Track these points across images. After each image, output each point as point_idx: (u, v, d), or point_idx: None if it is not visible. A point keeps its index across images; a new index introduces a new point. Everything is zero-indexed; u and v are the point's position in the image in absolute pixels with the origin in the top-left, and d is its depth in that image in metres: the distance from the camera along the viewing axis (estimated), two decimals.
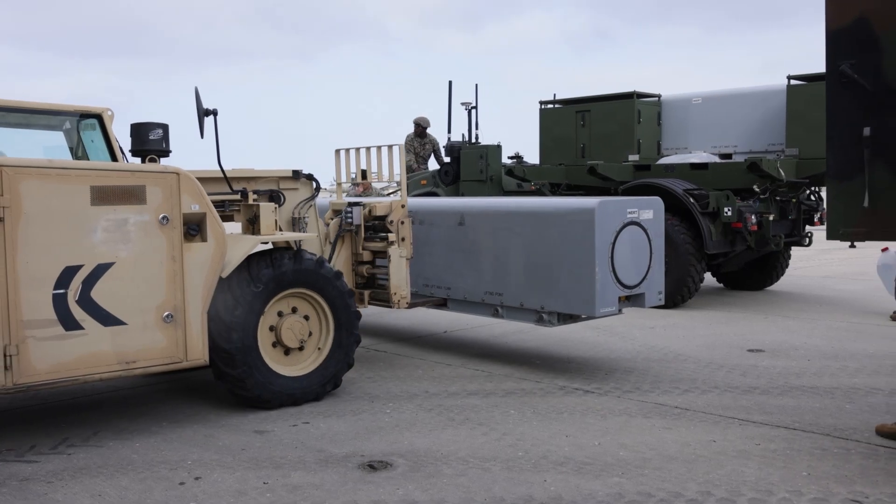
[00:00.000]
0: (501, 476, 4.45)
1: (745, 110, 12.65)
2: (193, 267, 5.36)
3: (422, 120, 15.32)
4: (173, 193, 5.27)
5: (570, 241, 6.60)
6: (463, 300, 7.64)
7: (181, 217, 5.29)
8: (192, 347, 5.38)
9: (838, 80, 4.33)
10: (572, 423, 5.44)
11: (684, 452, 4.80)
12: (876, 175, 4.26)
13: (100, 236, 4.98)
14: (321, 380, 6.08)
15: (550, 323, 6.94)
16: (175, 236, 5.27)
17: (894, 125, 4.22)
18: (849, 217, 4.40)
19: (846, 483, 4.27)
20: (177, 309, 5.29)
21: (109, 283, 5.02)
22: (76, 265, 4.90)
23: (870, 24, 4.22)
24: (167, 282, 5.25)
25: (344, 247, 7.21)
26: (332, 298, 6.14)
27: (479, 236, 7.36)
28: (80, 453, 4.92)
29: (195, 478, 4.49)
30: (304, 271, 5.97)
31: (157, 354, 5.24)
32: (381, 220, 7.08)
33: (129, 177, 5.13)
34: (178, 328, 5.30)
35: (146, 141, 5.95)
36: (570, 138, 13.96)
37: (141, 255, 5.14)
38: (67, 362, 4.90)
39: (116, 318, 5.06)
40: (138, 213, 5.12)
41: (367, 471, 4.57)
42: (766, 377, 6.61)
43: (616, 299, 6.61)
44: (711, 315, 9.91)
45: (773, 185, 10.78)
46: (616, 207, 6.63)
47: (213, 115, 5.73)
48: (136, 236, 5.12)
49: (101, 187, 5.00)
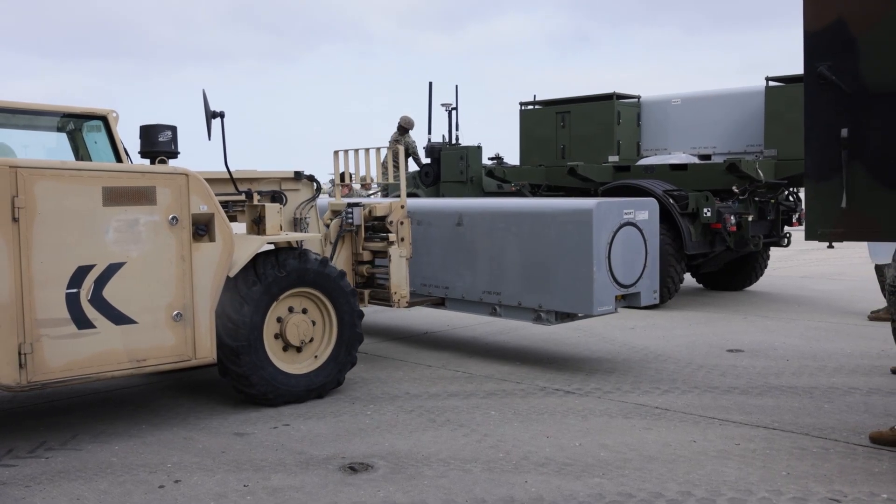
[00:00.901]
0: (482, 477, 4.44)
1: (723, 111, 12.72)
2: (202, 266, 5.44)
3: (406, 121, 15.30)
4: (182, 194, 5.35)
5: (569, 241, 6.74)
6: (461, 299, 7.76)
7: (190, 217, 5.38)
8: (200, 346, 5.46)
9: (816, 82, 4.35)
10: (553, 423, 5.44)
11: (664, 453, 4.82)
12: (853, 176, 4.28)
13: (111, 236, 5.07)
14: (325, 377, 6.16)
15: (548, 321, 7.06)
16: (184, 236, 5.35)
17: (871, 126, 4.25)
18: (827, 218, 4.43)
19: (825, 482, 4.30)
20: (186, 308, 5.38)
21: (121, 282, 5.10)
22: (88, 265, 4.98)
23: (847, 26, 4.25)
24: (176, 281, 5.33)
25: (344, 247, 7.34)
26: (335, 297, 6.22)
27: (477, 236, 7.49)
28: (59, 457, 4.88)
29: (175, 481, 4.46)
30: (310, 271, 6.07)
31: (166, 353, 5.33)
32: (380, 220, 7.22)
33: (140, 178, 5.22)
34: (187, 327, 5.39)
35: (155, 143, 6.08)
36: (551, 139, 13.98)
37: (151, 254, 5.23)
38: (80, 360, 4.97)
39: (127, 316, 5.14)
40: (149, 214, 5.21)
41: (348, 473, 4.56)
42: (746, 377, 6.65)
43: (613, 298, 6.76)
44: (691, 315, 9.95)
45: (752, 186, 10.84)
46: (613, 208, 6.77)
47: (220, 117, 5.81)
48: (147, 236, 5.21)
49: (113, 188, 5.08)
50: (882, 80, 4.19)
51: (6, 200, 4.69)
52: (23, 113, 6.23)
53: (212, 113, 5.77)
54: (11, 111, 6.13)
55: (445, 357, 7.61)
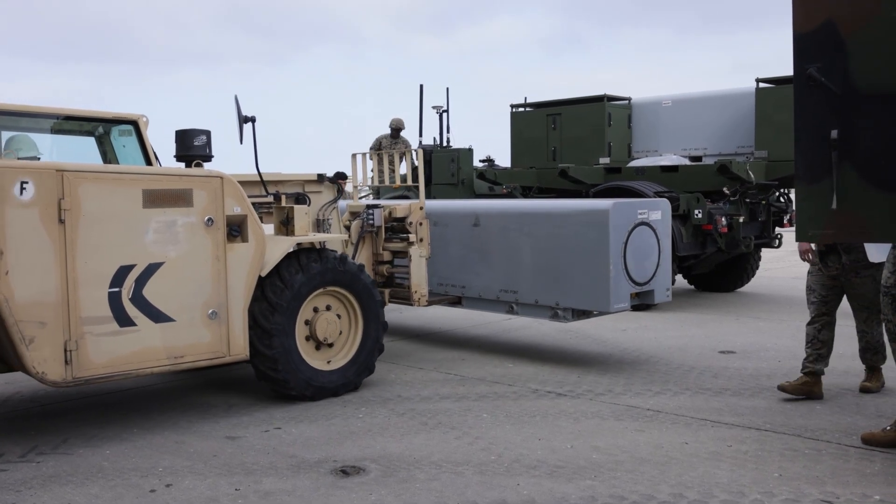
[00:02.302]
0: (474, 480, 4.44)
1: (714, 113, 12.75)
2: (235, 266, 5.66)
3: (400, 124, 15.28)
4: (217, 196, 5.55)
5: (585, 240, 6.96)
6: (478, 298, 7.96)
7: (224, 219, 5.58)
8: (234, 343, 5.67)
9: (806, 83, 4.36)
10: (545, 426, 5.44)
11: (657, 454, 4.82)
12: (843, 177, 4.29)
13: (151, 237, 5.27)
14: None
15: (565, 318, 7.29)
16: (219, 237, 5.56)
17: (861, 127, 4.26)
18: (817, 219, 4.43)
19: (817, 484, 4.30)
20: (220, 306, 5.58)
21: (159, 281, 5.30)
22: (129, 265, 5.19)
23: (836, 27, 4.26)
24: (212, 280, 5.54)
25: (364, 247, 7.49)
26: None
27: (494, 237, 7.71)
28: (50, 461, 4.85)
29: (166, 485, 4.44)
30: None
31: (202, 349, 5.53)
32: (400, 221, 7.41)
33: (178, 181, 5.42)
34: (221, 324, 5.59)
35: (191, 147, 6.25)
36: (542, 141, 14.00)
37: (188, 255, 5.43)
38: (122, 357, 5.17)
39: (166, 314, 5.34)
40: (186, 215, 5.41)
41: (340, 476, 4.54)
42: (738, 378, 6.66)
43: (628, 296, 6.97)
44: (683, 317, 9.96)
45: (743, 188, 10.87)
46: (628, 209, 7.00)
47: (252, 122, 6.01)
48: (184, 237, 5.41)
49: (153, 190, 5.28)
50: (871, 81, 4.20)
51: (53, 203, 4.87)
52: (54, 118, 6.40)
53: (244, 118, 5.97)
54: (43, 116, 6.31)
55: (437, 360, 7.60)
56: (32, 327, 4.82)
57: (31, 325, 4.82)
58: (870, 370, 6.19)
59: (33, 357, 4.83)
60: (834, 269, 5.87)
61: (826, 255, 5.90)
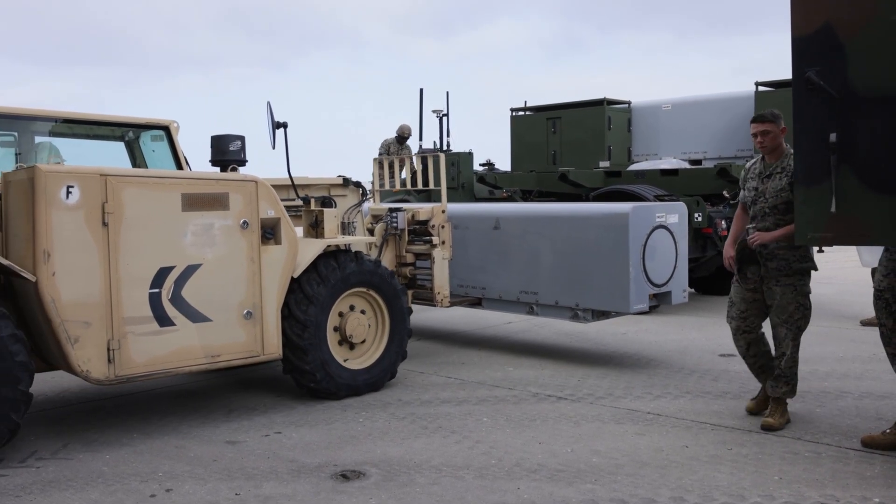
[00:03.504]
0: (475, 484, 4.44)
1: (714, 116, 12.77)
2: (269, 268, 5.84)
3: (406, 129, 15.26)
4: (252, 200, 5.74)
5: (605, 243, 7.13)
6: (498, 299, 8.15)
7: (259, 221, 5.77)
8: (268, 342, 5.85)
9: (805, 87, 4.37)
10: (545, 430, 5.44)
11: (657, 458, 4.82)
12: (842, 180, 4.30)
13: (189, 239, 5.44)
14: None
15: (585, 319, 7.48)
16: (254, 239, 5.74)
17: (859, 131, 4.26)
18: (817, 222, 4.44)
19: (817, 486, 4.30)
20: (255, 307, 5.76)
21: (197, 282, 5.47)
22: (169, 266, 5.36)
23: (835, 31, 4.27)
24: (247, 281, 5.72)
25: (388, 249, 7.64)
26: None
27: (515, 239, 7.89)
28: (50, 466, 4.85)
29: (166, 490, 4.44)
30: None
31: (238, 349, 5.70)
32: (422, 224, 7.67)
33: (215, 185, 5.61)
34: (256, 324, 5.77)
35: (226, 151, 6.39)
36: (542, 145, 14.02)
37: (224, 256, 5.61)
38: (162, 356, 5.34)
39: (203, 315, 5.51)
40: (222, 218, 5.59)
41: (340, 480, 4.54)
42: (738, 382, 6.65)
43: (647, 297, 7.12)
44: (683, 320, 9.96)
45: None
46: (647, 212, 7.19)
47: (284, 127, 6.20)
48: (221, 239, 5.59)
49: (191, 194, 5.46)
50: (870, 84, 4.21)
51: (97, 206, 5.05)
52: (86, 124, 6.60)
53: (276, 123, 6.17)
54: (75, 122, 6.51)
55: (437, 363, 7.60)
56: (77, 327, 4.98)
57: (77, 324, 4.98)
58: (776, 402, 5.48)
59: (78, 356, 4.99)
60: (752, 281, 5.53)
61: (745, 266, 5.55)
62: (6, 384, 4.79)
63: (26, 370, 4.90)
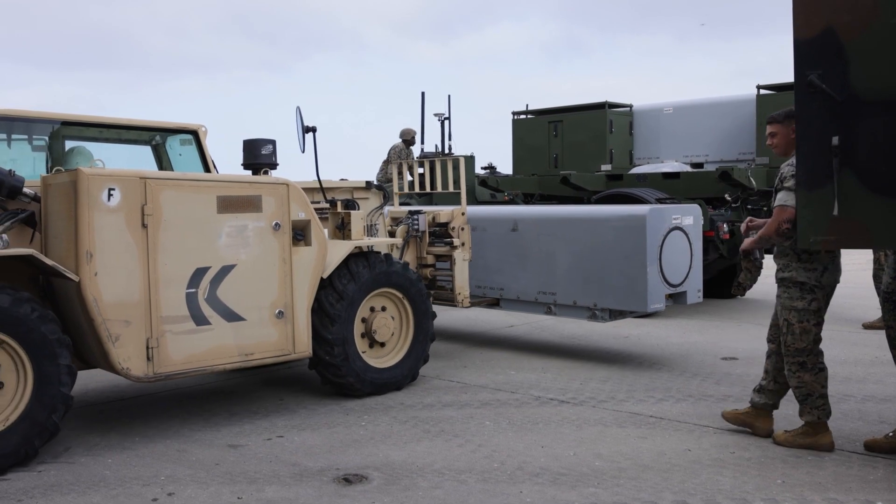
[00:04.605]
0: (477, 488, 4.43)
1: (715, 120, 12.75)
2: (300, 268, 6.00)
3: (411, 132, 15.24)
4: (284, 202, 5.90)
5: (623, 244, 7.29)
6: (516, 300, 8.29)
7: (290, 223, 5.92)
8: (299, 341, 6.01)
9: (807, 90, 4.37)
10: (548, 433, 5.44)
11: (660, 461, 4.81)
12: (845, 183, 4.29)
13: (224, 241, 5.59)
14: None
15: (602, 319, 7.61)
16: (285, 241, 5.90)
17: (862, 134, 4.26)
18: (819, 225, 4.43)
19: (821, 490, 4.30)
20: (287, 306, 5.92)
21: (232, 282, 5.63)
22: (205, 267, 5.50)
23: (837, 34, 4.27)
24: (279, 282, 5.88)
25: (409, 251, 7.77)
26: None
27: (533, 241, 8.04)
28: (51, 470, 4.85)
29: (168, 494, 4.44)
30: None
31: (270, 347, 5.86)
32: (443, 226, 7.84)
33: (249, 187, 5.75)
34: (287, 324, 5.93)
35: (258, 155, 6.53)
36: (543, 148, 14.01)
37: (257, 257, 5.77)
38: (198, 354, 5.48)
39: (237, 314, 5.67)
40: (256, 220, 5.75)
41: (343, 484, 4.54)
42: (740, 385, 6.65)
43: (663, 296, 7.28)
44: (685, 324, 9.96)
45: (745, 194, 10.86)
46: (664, 214, 7.34)
47: (313, 132, 6.40)
48: (254, 241, 5.75)
49: (226, 197, 5.61)
50: (872, 88, 4.21)
51: (137, 208, 5.20)
52: (117, 128, 6.76)
53: (306, 128, 6.35)
54: (106, 126, 6.70)
55: (439, 367, 7.60)
56: (118, 325, 5.12)
57: (118, 323, 5.12)
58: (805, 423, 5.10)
59: (119, 354, 5.13)
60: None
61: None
62: (50, 386, 4.94)
63: (69, 373, 5.05)
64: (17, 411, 4.85)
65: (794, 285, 5.03)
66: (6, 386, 4.86)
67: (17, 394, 4.89)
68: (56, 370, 4.95)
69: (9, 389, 4.87)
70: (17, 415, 4.85)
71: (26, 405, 4.87)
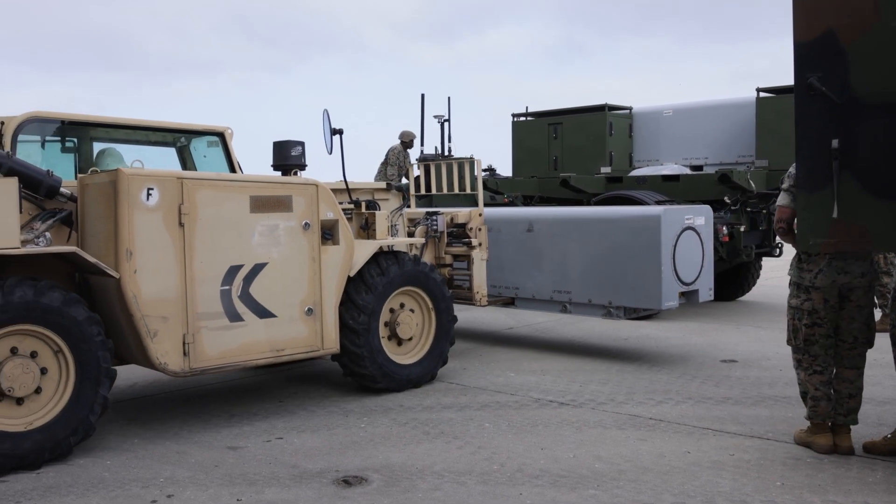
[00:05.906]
0: (477, 490, 4.43)
1: (715, 122, 12.75)
2: (328, 267, 6.17)
3: (410, 134, 15.20)
4: (313, 202, 6.06)
5: (638, 244, 7.48)
6: (531, 298, 8.48)
7: (319, 223, 6.09)
8: (327, 337, 6.19)
9: (807, 93, 4.37)
10: (547, 435, 5.43)
11: (659, 464, 4.81)
12: (844, 186, 4.29)
13: (257, 239, 5.75)
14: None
15: (617, 316, 7.84)
16: (314, 240, 6.06)
17: (861, 136, 4.26)
18: (819, 228, 4.43)
19: (819, 492, 4.30)
20: (316, 304, 6.09)
21: (264, 280, 5.77)
22: (238, 265, 5.66)
23: (837, 37, 4.27)
24: (308, 280, 6.03)
25: (427, 251, 7.90)
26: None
27: (548, 241, 8.23)
28: (50, 472, 4.84)
29: (167, 495, 4.44)
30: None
31: (300, 343, 6.03)
32: (460, 227, 7.97)
33: (280, 188, 5.91)
34: (316, 320, 6.10)
35: (288, 156, 6.68)
36: (543, 151, 14.01)
37: (288, 256, 5.92)
38: (232, 350, 5.64)
39: (269, 311, 5.81)
40: (286, 220, 5.91)
41: (342, 486, 4.54)
42: (740, 387, 6.65)
43: (676, 294, 7.46)
44: (684, 326, 9.96)
45: (744, 197, 10.86)
46: (677, 214, 7.54)
47: (340, 134, 6.53)
48: (285, 240, 5.90)
49: (259, 197, 5.76)
50: (872, 90, 4.21)
51: (174, 208, 5.33)
52: (146, 130, 6.99)
53: (333, 130, 6.49)
54: (134, 128, 6.89)
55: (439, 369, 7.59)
56: (156, 321, 5.26)
57: (156, 319, 5.26)
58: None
59: (157, 349, 5.28)
60: None
61: None
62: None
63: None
64: (56, 408, 4.98)
65: (793, 283, 5.19)
66: (48, 382, 4.98)
67: (59, 391, 5.02)
68: (97, 371, 5.07)
69: (50, 386, 5.00)
70: (56, 412, 4.97)
71: (66, 403, 5.00)
